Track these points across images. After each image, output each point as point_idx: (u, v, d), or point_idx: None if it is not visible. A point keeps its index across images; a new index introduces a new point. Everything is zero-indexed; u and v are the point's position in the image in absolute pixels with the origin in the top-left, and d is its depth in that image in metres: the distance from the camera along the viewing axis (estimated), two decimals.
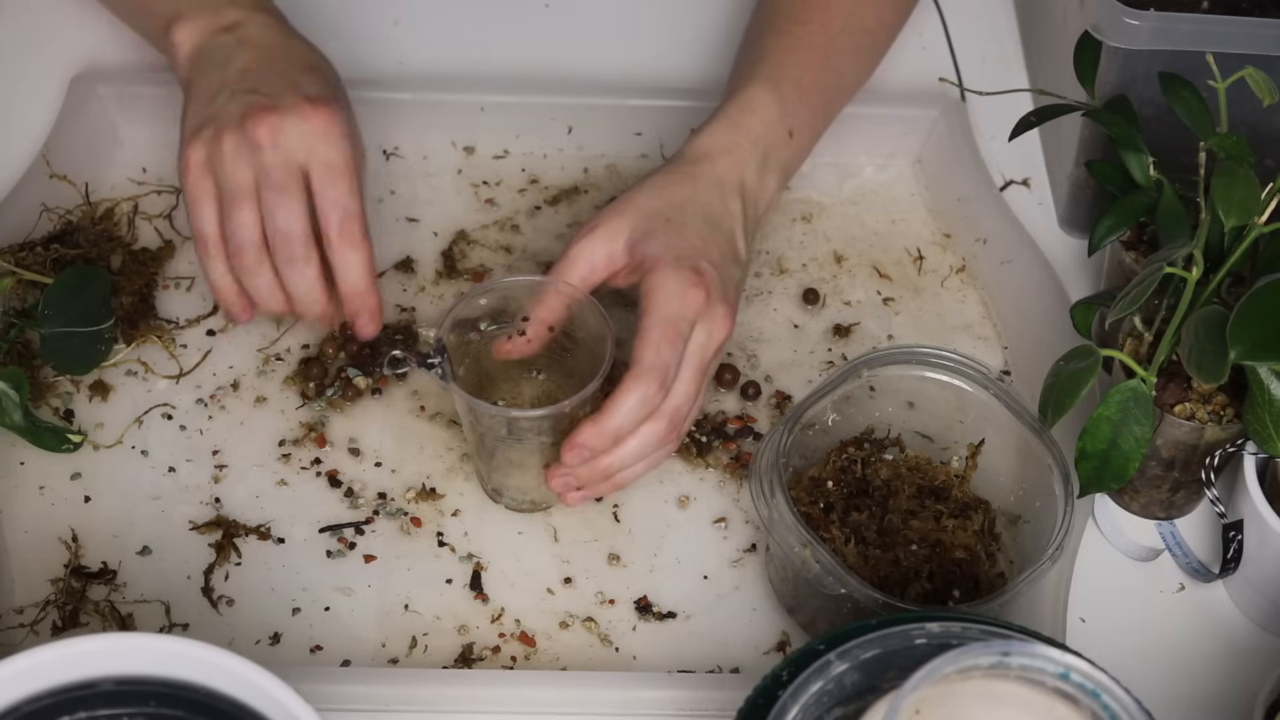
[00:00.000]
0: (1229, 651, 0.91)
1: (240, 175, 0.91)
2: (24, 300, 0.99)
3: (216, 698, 0.68)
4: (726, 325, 0.90)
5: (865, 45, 1.05)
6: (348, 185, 0.92)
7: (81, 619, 0.89)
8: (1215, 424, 0.88)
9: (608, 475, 0.89)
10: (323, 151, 0.91)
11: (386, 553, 0.93)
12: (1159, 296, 0.89)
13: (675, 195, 0.93)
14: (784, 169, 0.99)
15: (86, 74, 1.09)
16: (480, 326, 0.93)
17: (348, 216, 0.92)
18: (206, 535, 0.93)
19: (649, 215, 0.92)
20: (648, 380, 0.86)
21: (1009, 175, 1.11)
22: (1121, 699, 0.66)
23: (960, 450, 0.94)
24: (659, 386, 0.87)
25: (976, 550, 0.90)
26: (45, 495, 0.94)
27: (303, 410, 0.99)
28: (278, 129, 0.90)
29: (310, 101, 0.92)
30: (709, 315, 0.89)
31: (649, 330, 0.87)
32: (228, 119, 0.91)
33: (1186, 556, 0.94)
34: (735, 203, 0.94)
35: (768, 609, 0.92)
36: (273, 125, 0.90)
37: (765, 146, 0.97)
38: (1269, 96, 0.85)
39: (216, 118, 0.92)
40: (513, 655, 0.90)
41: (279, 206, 0.90)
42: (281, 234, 0.91)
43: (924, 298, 1.06)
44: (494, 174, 1.10)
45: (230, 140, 0.90)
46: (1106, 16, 0.94)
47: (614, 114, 1.10)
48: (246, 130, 0.90)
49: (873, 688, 0.71)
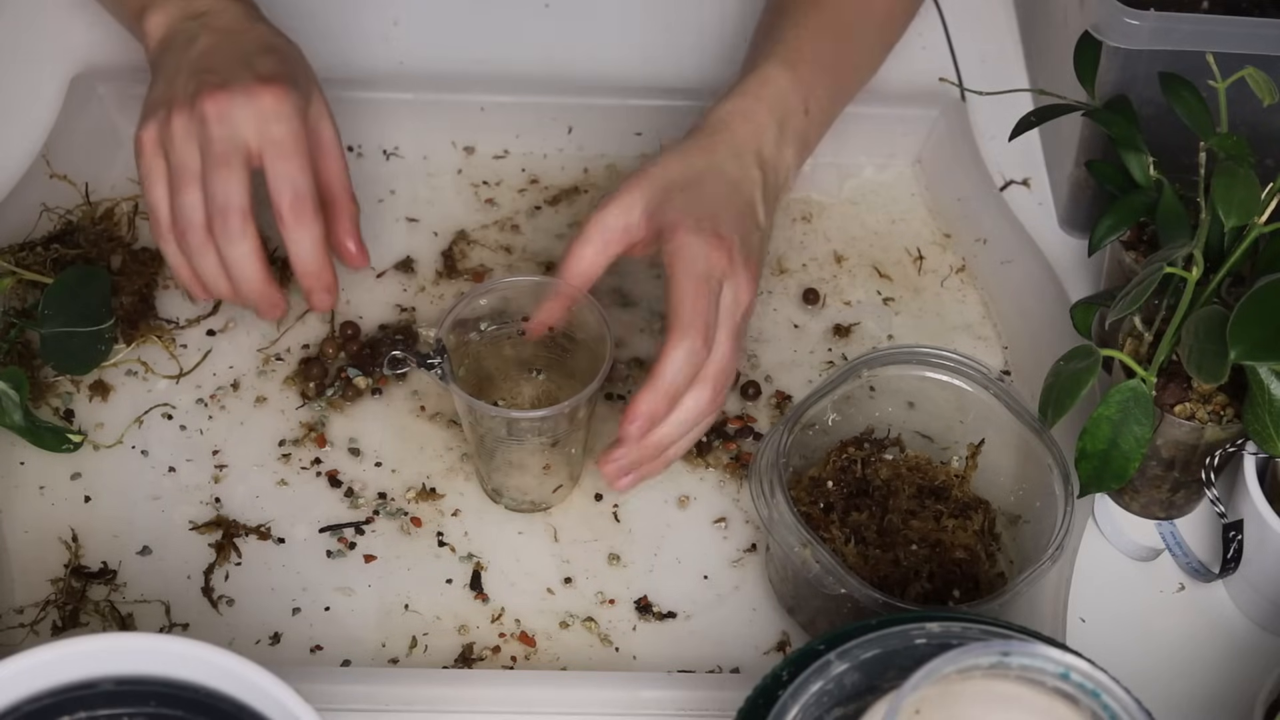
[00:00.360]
0: (1229, 651, 0.91)
1: (188, 154, 0.90)
2: (24, 300, 0.99)
3: (216, 698, 0.68)
4: (750, 289, 0.90)
5: (876, 35, 1.06)
6: (298, 164, 0.91)
7: (81, 619, 0.89)
8: (1215, 424, 0.88)
9: (661, 449, 0.88)
10: (273, 130, 0.90)
11: (386, 553, 0.93)
12: (1159, 296, 0.89)
13: (693, 164, 0.93)
14: (802, 142, 0.99)
15: (86, 74, 1.09)
16: (480, 326, 0.93)
17: (298, 195, 0.91)
18: (206, 535, 0.93)
19: (665, 185, 0.91)
20: (692, 334, 0.86)
21: (1009, 175, 1.11)
22: (1121, 699, 0.66)
23: (960, 450, 0.94)
24: (703, 341, 0.86)
25: (976, 550, 0.90)
26: (45, 495, 0.94)
27: (303, 410, 0.99)
28: (225, 106, 0.90)
29: (261, 80, 0.91)
30: (733, 277, 0.89)
31: (682, 287, 0.87)
32: (182, 99, 0.91)
33: (1186, 556, 0.94)
34: (754, 169, 0.94)
35: (768, 609, 0.92)
36: (220, 103, 0.90)
37: (781, 116, 0.97)
38: (1269, 96, 0.85)
39: (172, 98, 0.92)
40: (513, 655, 0.90)
41: (217, 182, 0.90)
42: (219, 208, 0.90)
43: (924, 298, 1.06)
44: (494, 174, 1.10)
45: (180, 119, 0.90)
46: (1106, 16, 0.94)
47: (614, 114, 1.10)
48: (195, 108, 0.90)
49: (873, 688, 0.71)
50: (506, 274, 1.05)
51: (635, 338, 1.03)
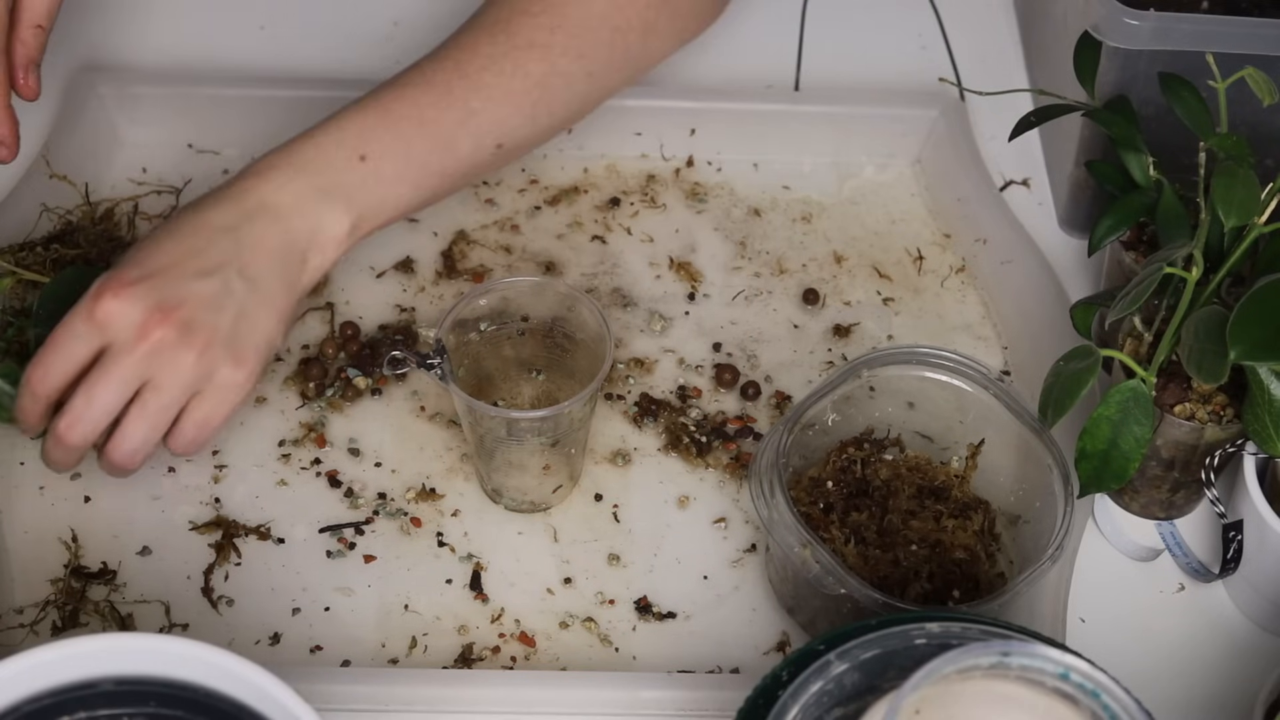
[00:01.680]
0: (1229, 651, 0.91)
1: None
2: (24, 300, 0.99)
3: (216, 698, 0.68)
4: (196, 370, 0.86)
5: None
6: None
7: (81, 619, 0.89)
8: (1215, 424, 0.88)
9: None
10: None
11: (386, 553, 0.93)
12: (1159, 296, 0.89)
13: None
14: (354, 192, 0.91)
15: (86, 74, 1.09)
16: (480, 326, 0.93)
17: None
18: (206, 535, 0.93)
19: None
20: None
21: (1009, 175, 1.11)
22: (1121, 699, 0.66)
23: (960, 450, 0.94)
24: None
25: (976, 550, 0.90)
26: (45, 495, 0.94)
27: (303, 410, 0.99)
28: None
29: None
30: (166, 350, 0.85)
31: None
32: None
33: (1186, 556, 0.94)
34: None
35: (768, 609, 0.92)
36: None
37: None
38: (1269, 96, 0.85)
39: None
40: (513, 655, 0.90)
41: None
42: None
43: (924, 298, 1.06)
44: (494, 174, 1.10)
45: None
46: (1106, 16, 0.94)
47: (614, 114, 1.10)
48: None
49: (873, 688, 0.71)
50: (506, 274, 1.05)
51: (635, 338, 1.03)
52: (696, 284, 1.06)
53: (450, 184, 0.95)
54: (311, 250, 0.89)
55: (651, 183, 1.11)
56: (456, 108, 0.93)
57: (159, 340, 0.84)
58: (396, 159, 0.91)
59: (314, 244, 0.89)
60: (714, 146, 1.12)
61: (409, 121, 0.92)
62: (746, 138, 1.12)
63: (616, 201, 1.10)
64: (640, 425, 0.99)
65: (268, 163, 0.90)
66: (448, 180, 0.94)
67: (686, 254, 1.07)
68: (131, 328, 0.84)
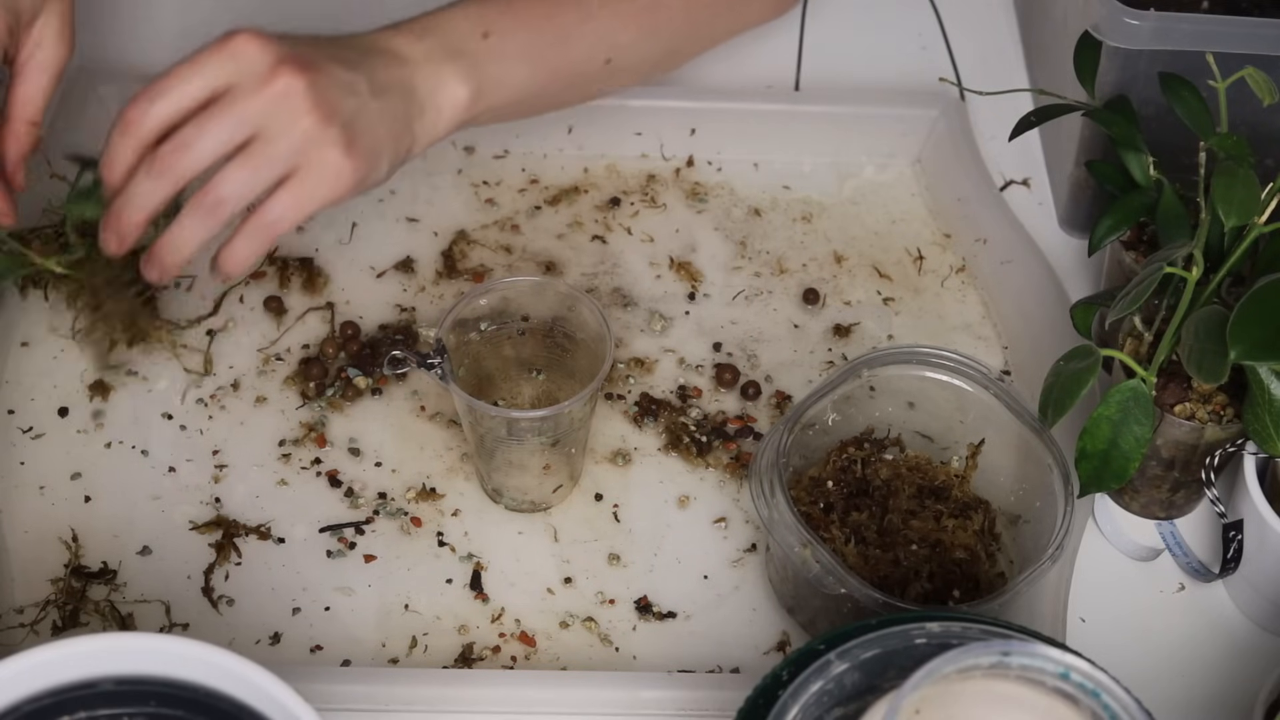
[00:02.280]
0: (1229, 651, 0.91)
1: None
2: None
3: (216, 698, 0.68)
4: (317, 134, 0.81)
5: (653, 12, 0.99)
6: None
7: (81, 619, 0.89)
8: (1215, 424, 0.88)
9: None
10: None
11: (386, 553, 0.93)
12: (1159, 296, 0.89)
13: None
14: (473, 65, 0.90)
15: (86, 74, 1.09)
16: (480, 326, 0.93)
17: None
18: (206, 535, 0.93)
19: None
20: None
21: (1009, 175, 1.11)
22: (1121, 699, 0.66)
23: (960, 450, 0.94)
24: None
25: (976, 550, 0.90)
26: (45, 495, 0.94)
27: (303, 410, 0.99)
28: None
29: None
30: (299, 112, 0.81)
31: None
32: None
33: (1186, 556, 0.94)
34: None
35: (768, 609, 0.92)
36: None
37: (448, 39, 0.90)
38: (1269, 96, 0.85)
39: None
40: (513, 655, 0.90)
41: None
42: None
43: (924, 298, 1.07)
44: (494, 174, 1.10)
45: None
46: (1106, 16, 0.94)
47: (614, 114, 1.10)
48: None
49: (873, 688, 0.71)
50: (506, 274, 1.05)
51: (635, 337, 1.03)
52: (697, 284, 1.06)
53: (558, 88, 0.96)
54: (429, 106, 0.87)
55: (652, 182, 1.11)
56: (577, 6, 0.94)
57: (286, 87, 0.80)
58: (518, 40, 0.91)
59: (433, 100, 0.88)
60: (714, 146, 1.12)
61: (532, 11, 0.92)
62: (747, 138, 1.12)
63: (617, 201, 1.10)
64: (640, 425, 0.99)
65: (395, 27, 0.89)
66: (557, 81, 0.95)
67: (687, 254, 1.08)
68: (263, 66, 0.80)
